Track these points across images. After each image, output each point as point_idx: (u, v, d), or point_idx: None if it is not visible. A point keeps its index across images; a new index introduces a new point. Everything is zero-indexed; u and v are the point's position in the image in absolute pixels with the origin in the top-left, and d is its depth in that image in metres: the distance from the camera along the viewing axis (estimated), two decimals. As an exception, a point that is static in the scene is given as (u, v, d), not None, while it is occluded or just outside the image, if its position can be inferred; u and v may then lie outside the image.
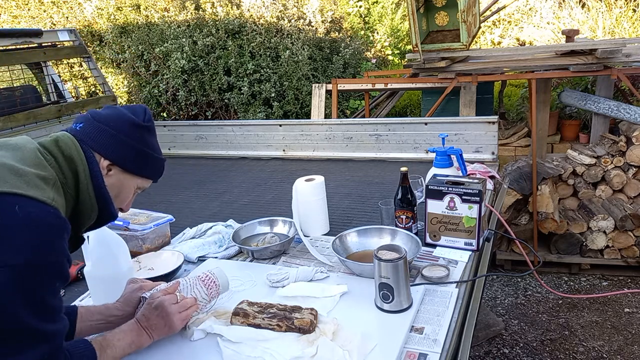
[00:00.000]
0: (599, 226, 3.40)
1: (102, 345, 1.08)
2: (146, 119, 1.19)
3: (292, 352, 1.14)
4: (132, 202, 1.26)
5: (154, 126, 1.22)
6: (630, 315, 3.09)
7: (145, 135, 1.18)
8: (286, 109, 5.09)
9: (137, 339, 1.16)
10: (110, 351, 1.09)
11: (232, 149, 3.28)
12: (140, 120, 1.17)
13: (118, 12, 5.84)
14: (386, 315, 1.29)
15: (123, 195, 1.20)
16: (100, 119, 1.14)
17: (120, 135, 1.13)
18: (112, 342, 1.11)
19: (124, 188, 1.19)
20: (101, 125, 1.13)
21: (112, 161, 1.13)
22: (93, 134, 1.12)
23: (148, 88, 5.37)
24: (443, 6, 3.77)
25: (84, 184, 1.08)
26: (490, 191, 2.15)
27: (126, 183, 1.19)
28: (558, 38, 5.68)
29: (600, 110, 3.63)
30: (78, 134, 1.12)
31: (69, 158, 1.06)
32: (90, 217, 1.13)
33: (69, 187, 1.06)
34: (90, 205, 1.11)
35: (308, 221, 1.84)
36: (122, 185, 1.18)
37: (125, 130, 1.14)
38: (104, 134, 1.12)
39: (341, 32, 6.01)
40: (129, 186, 1.20)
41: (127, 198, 1.22)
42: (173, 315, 1.19)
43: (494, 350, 2.91)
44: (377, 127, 2.89)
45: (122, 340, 1.12)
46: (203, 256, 1.73)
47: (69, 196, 1.06)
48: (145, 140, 1.18)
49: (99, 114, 1.15)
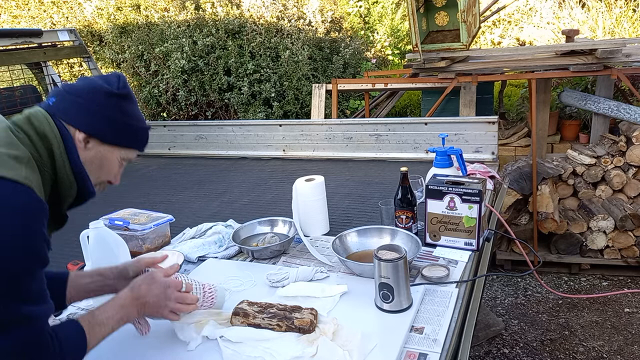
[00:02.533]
0: (599, 226, 3.40)
1: (91, 322, 1.06)
2: (120, 86, 1.13)
3: (292, 352, 1.14)
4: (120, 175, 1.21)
5: (130, 93, 1.16)
6: (630, 315, 3.09)
7: (121, 104, 1.13)
8: (286, 109, 5.09)
9: (128, 314, 1.14)
10: (99, 329, 1.07)
11: (232, 149, 3.28)
12: (114, 89, 1.12)
13: (118, 12, 5.84)
14: (386, 315, 1.29)
15: (107, 168, 1.16)
16: (72, 91, 1.10)
17: (94, 106, 1.09)
18: (101, 319, 1.08)
19: (106, 160, 1.15)
20: (74, 98, 1.09)
21: (88, 133, 1.09)
22: (66, 107, 1.09)
23: (148, 88, 5.37)
24: (443, 6, 3.77)
25: (59, 160, 1.05)
26: (490, 191, 2.15)
27: (108, 155, 1.14)
28: (558, 38, 5.68)
29: (600, 110, 3.63)
30: (51, 109, 1.08)
31: (42, 135, 1.03)
32: (70, 194, 1.10)
33: (45, 165, 1.03)
34: (69, 182, 1.08)
35: (308, 221, 1.84)
36: (104, 158, 1.14)
37: (98, 100, 1.10)
38: (76, 106, 1.09)
39: (341, 32, 6.01)
40: (112, 158, 1.15)
41: (112, 170, 1.17)
42: (170, 301, 1.18)
43: (494, 350, 2.91)
44: (377, 127, 2.89)
45: (111, 318, 1.10)
46: (203, 256, 1.73)
47: (46, 174, 1.03)
48: (121, 109, 1.13)
49: (72, 86, 1.12)
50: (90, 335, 1.03)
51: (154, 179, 2.94)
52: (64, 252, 1.76)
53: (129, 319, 1.15)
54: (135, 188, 2.80)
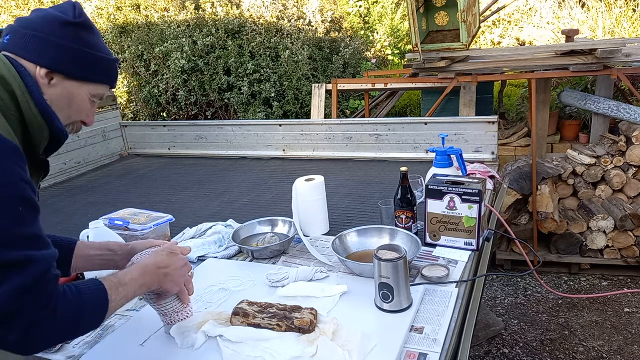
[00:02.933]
0: (599, 226, 3.40)
1: (114, 282, 1.02)
2: (77, 14, 1.05)
3: (292, 352, 1.14)
4: (94, 114, 1.16)
5: (89, 22, 1.08)
6: (630, 315, 3.09)
7: (80, 34, 1.05)
8: (286, 109, 5.09)
9: (149, 282, 1.11)
10: (122, 289, 1.03)
11: (232, 149, 3.28)
12: (70, 18, 1.04)
13: (118, 12, 5.84)
14: (386, 315, 1.29)
15: (76, 106, 1.09)
16: (26, 25, 1.03)
17: (51, 37, 1.02)
18: (124, 280, 1.05)
19: (75, 97, 1.08)
20: (28, 32, 1.02)
21: (49, 68, 1.02)
22: (22, 43, 1.02)
23: (148, 88, 5.37)
24: (443, 6, 3.77)
25: (23, 102, 0.99)
26: (490, 191, 2.15)
27: (75, 91, 1.07)
28: (558, 38, 5.68)
29: (600, 110, 3.63)
30: (7, 47, 1.02)
31: (0, 77, 0.97)
32: (43, 136, 1.04)
33: (9, 109, 0.97)
34: (38, 124, 1.01)
35: (308, 221, 1.84)
36: (72, 95, 1.07)
37: (55, 31, 1.02)
38: (33, 41, 1.01)
39: (341, 32, 6.01)
40: (80, 95, 1.09)
41: (83, 109, 1.11)
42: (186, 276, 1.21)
43: (494, 350, 2.91)
44: (377, 127, 2.89)
45: (135, 280, 1.07)
46: (203, 256, 1.74)
47: (12, 118, 0.97)
48: (81, 39, 1.05)
49: (26, 20, 1.04)
50: (112, 292, 1.00)
51: (154, 179, 2.94)
52: (64, 252, 1.76)
53: (150, 287, 1.13)
54: (135, 188, 2.80)
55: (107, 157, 3.45)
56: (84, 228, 1.52)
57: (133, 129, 3.59)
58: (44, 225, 1.22)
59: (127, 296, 1.05)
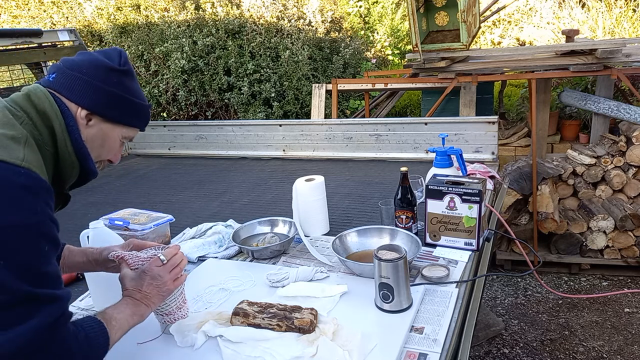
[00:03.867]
0: (599, 226, 3.40)
1: (105, 319, 1.03)
2: (122, 62, 1.11)
3: (292, 352, 1.14)
4: (120, 153, 1.21)
5: (131, 70, 1.14)
6: (630, 315, 3.09)
7: (122, 80, 1.10)
8: (286, 109, 5.09)
9: (137, 310, 1.10)
10: (115, 323, 1.04)
11: (232, 149, 3.28)
12: (116, 65, 1.09)
13: (118, 12, 5.84)
14: (386, 315, 1.29)
15: (108, 146, 1.14)
16: (72, 66, 1.07)
17: (96, 82, 1.06)
18: (114, 315, 1.05)
19: (108, 138, 1.12)
20: (74, 73, 1.06)
21: (90, 110, 1.06)
22: (67, 83, 1.05)
23: (148, 88, 5.36)
24: (443, 6, 3.77)
25: (61, 139, 1.02)
26: (490, 191, 2.15)
27: (109, 133, 1.12)
28: (558, 38, 5.68)
29: (600, 110, 3.63)
30: (52, 85, 1.06)
31: (42, 113, 1.01)
32: (73, 174, 1.08)
33: (46, 144, 1.00)
34: (71, 162, 1.05)
35: (308, 221, 1.84)
36: (106, 135, 1.11)
37: (100, 75, 1.07)
38: (78, 82, 1.05)
39: (341, 32, 6.01)
40: (113, 136, 1.13)
41: (113, 148, 1.16)
42: (163, 277, 1.14)
43: (494, 350, 2.91)
44: (377, 127, 2.89)
45: (122, 312, 1.07)
46: (203, 256, 1.74)
47: (47, 153, 1.00)
48: (123, 85, 1.10)
49: (72, 61, 1.08)
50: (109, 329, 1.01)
51: (154, 179, 2.94)
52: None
53: (142, 314, 1.11)
54: (135, 188, 2.80)
55: (107, 157, 3.45)
56: (84, 228, 1.52)
57: (133, 129, 3.58)
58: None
59: (122, 328, 1.06)
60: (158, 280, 1.14)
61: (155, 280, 1.13)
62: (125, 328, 1.07)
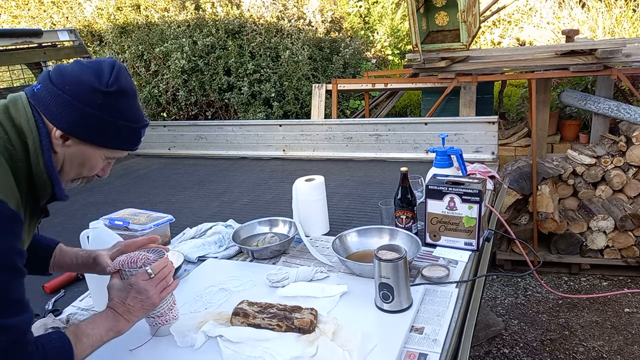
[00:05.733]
0: (599, 226, 3.40)
1: (77, 334, 1.01)
2: (110, 81, 1.01)
3: (292, 352, 1.14)
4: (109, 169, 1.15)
5: (121, 88, 1.03)
6: (630, 315, 3.09)
7: (107, 101, 1.01)
8: (286, 109, 5.09)
9: (115, 325, 1.09)
10: (86, 340, 1.02)
11: (232, 149, 3.28)
12: (103, 85, 1.00)
13: (118, 12, 5.84)
14: (386, 315, 1.29)
15: (90, 166, 1.08)
16: (57, 80, 1.00)
17: (76, 102, 0.99)
18: (86, 331, 1.04)
19: (89, 159, 1.07)
20: (56, 90, 0.99)
21: (65, 132, 1.00)
22: (46, 99, 1.00)
23: (148, 88, 5.37)
24: (443, 6, 3.77)
25: (34, 156, 0.99)
26: (490, 191, 2.15)
27: (90, 154, 1.06)
28: (558, 38, 5.68)
29: (600, 110, 3.63)
30: (34, 98, 1.01)
31: (18, 127, 0.97)
32: (46, 192, 1.04)
33: (19, 159, 0.97)
34: (43, 180, 1.01)
35: (308, 221, 1.84)
36: (86, 156, 1.06)
37: (82, 96, 0.99)
38: (57, 100, 0.99)
39: (341, 32, 6.01)
40: (95, 157, 1.07)
41: (95, 167, 1.09)
42: (149, 291, 1.12)
43: (494, 350, 2.91)
44: (377, 127, 2.89)
45: (97, 328, 1.05)
46: (203, 256, 1.73)
47: (21, 168, 0.97)
48: (107, 107, 1.01)
49: (60, 73, 1.01)
50: (77, 347, 1.00)
51: (154, 179, 2.94)
52: (64, 252, 1.76)
53: (119, 330, 1.10)
54: (135, 188, 2.80)
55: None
56: (84, 228, 1.52)
57: (133, 129, 3.58)
58: (45, 225, 1.22)
59: (92, 345, 1.04)
60: (143, 294, 1.12)
61: (140, 295, 1.12)
62: (97, 345, 1.05)
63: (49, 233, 1.33)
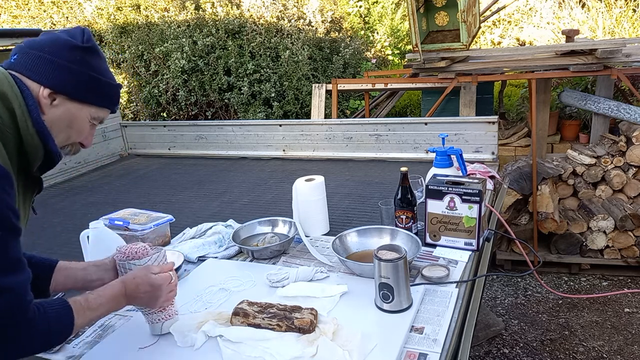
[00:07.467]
0: (599, 226, 3.40)
1: (83, 306, 1.05)
2: (85, 39, 1.08)
3: (292, 352, 1.14)
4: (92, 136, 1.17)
5: (96, 47, 1.10)
6: (630, 315, 3.09)
7: (87, 58, 1.07)
8: (286, 109, 5.09)
9: (117, 306, 1.15)
10: (89, 313, 1.07)
11: (232, 149, 3.28)
12: (79, 42, 1.06)
13: (118, 12, 5.84)
14: (386, 315, 1.29)
15: (77, 127, 1.10)
16: (34, 46, 1.05)
17: (58, 60, 1.04)
18: (93, 305, 1.08)
19: (76, 119, 1.09)
20: (36, 52, 1.04)
21: (53, 89, 1.04)
22: (28, 63, 1.03)
23: (148, 88, 5.37)
24: (443, 6, 3.77)
25: (22, 120, 1.00)
26: (490, 191, 2.15)
27: (77, 113, 1.09)
28: (558, 38, 5.68)
29: (600, 110, 3.63)
30: (13, 66, 1.04)
31: (2, 95, 0.98)
32: (38, 156, 1.05)
33: (7, 127, 0.98)
34: (34, 144, 1.02)
35: (308, 221, 1.84)
36: (73, 116, 1.08)
37: (62, 53, 1.04)
38: (40, 61, 1.03)
39: (341, 32, 6.01)
40: (81, 117, 1.10)
41: (82, 130, 1.12)
42: (162, 294, 1.19)
43: (494, 350, 2.91)
44: (377, 127, 2.89)
45: (103, 305, 1.10)
46: (203, 256, 1.74)
47: (9, 136, 0.98)
48: (87, 63, 1.07)
49: (34, 41, 1.06)
50: (78, 315, 1.03)
51: (154, 179, 2.94)
52: (63, 252, 1.76)
53: (117, 309, 1.18)
54: (135, 188, 2.80)
55: (107, 157, 3.46)
56: (84, 228, 1.52)
57: (133, 129, 3.59)
58: (45, 225, 1.22)
59: (93, 318, 1.10)
60: (157, 292, 1.18)
61: (155, 291, 1.18)
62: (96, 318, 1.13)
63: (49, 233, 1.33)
